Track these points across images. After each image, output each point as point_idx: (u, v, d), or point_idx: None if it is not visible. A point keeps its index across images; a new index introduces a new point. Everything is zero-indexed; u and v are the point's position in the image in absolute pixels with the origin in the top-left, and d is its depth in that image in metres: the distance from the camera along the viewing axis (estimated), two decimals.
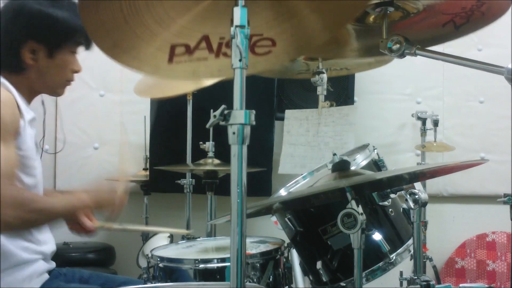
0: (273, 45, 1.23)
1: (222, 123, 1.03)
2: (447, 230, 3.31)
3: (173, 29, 1.21)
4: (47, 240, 1.73)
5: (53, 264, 1.76)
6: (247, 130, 1.03)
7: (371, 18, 1.51)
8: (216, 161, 2.52)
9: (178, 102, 2.76)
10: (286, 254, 1.88)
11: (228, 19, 1.07)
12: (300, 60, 2.20)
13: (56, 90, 1.74)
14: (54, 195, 1.60)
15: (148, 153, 3.04)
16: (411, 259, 1.64)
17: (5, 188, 1.40)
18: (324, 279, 1.71)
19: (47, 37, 1.63)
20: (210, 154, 2.53)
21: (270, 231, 2.18)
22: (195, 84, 2.52)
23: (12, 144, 1.53)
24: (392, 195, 1.63)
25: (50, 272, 1.72)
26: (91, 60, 1.81)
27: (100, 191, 1.61)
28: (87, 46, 1.72)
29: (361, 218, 1.36)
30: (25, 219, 1.44)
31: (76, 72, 1.74)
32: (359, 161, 1.82)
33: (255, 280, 1.73)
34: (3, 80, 1.59)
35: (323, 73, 2.33)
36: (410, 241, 1.68)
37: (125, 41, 1.20)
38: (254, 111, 1.04)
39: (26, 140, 1.60)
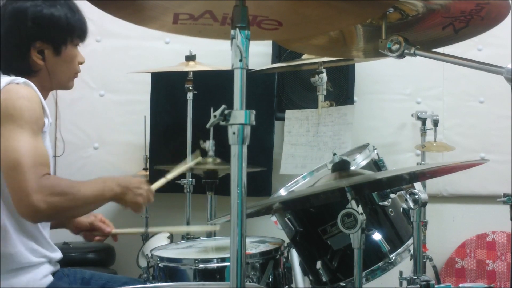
0: (279, 25, 1.23)
1: (222, 123, 1.03)
2: (447, 230, 3.31)
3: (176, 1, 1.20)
4: (56, 249, 1.75)
5: (57, 266, 1.76)
6: (247, 130, 1.03)
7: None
8: (217, 160, 2.52)
9: (178, 102, 2.76)
10: (286, 254, 1.88)
11: None
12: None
13: (67, 84, 1.81)
14: (83, 182, 1.60)
15: (148, 153, 3.04)
16: (411, 259, 1.64)
17: (31, 176, 1.45)
18: (324, 279, 1.71)
19: (52, 35, 1.70)
20: (211, 153, 2.52)
21: (270, 231, 2.18)
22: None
23: (40, 138, 1.58)
24: (392, 195, 1.63)
25: (54, 273, 1.73)
26: (91, 60, 1.83)
27: (130, 185, 1.63)
28: (83, 39, 1.79)
29: (361, 218, 1.36)
30: (53, 203, 1.47)
31: (81, 63, 1.81)
32: (359, 161, 1.82)
33: (255, 280, 1.73)
34: (29, 81, 1.63)
35: (322, 73, 2.33)
36: (410, 241, 1.68)
37: (128, 7, 1.21)
38: (254, 111, 1.04)
39: (45, 140, 1.63)
